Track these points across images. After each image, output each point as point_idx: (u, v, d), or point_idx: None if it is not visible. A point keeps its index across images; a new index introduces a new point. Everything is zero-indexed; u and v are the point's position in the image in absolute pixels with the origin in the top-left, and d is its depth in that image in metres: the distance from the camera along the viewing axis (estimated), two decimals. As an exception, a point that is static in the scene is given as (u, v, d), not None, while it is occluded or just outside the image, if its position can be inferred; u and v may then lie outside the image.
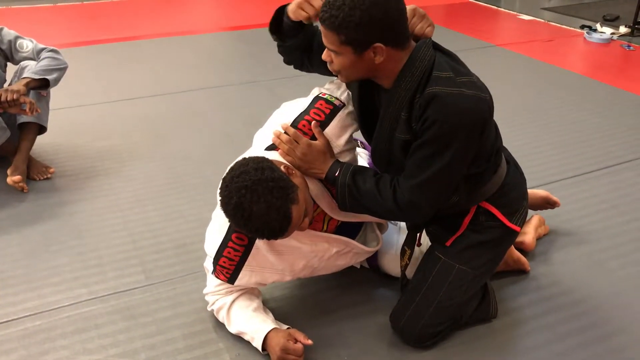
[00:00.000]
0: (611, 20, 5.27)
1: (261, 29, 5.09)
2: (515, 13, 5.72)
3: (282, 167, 1.50)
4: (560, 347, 1.76)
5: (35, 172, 2.65)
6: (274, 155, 1.60)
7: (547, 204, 2.26)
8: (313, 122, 1.62)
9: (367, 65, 1.48)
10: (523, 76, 4.05)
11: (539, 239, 2.22)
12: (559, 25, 5.29)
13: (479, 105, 1.46)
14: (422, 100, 1.45)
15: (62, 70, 2.59)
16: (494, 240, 1.72)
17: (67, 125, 3.17)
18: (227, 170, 1.49)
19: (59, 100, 3.14)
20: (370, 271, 2.03)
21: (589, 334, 1.81)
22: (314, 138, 1.62)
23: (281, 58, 1.80)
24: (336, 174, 1.59)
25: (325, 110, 1.66)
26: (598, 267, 2.11)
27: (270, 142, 1.63)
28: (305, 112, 1.66)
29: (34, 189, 2.59)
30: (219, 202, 1.50)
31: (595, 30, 5.01)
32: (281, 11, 1.66)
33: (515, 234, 1.76)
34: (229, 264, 1.67)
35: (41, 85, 2.51)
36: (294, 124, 1.63)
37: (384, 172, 1.63)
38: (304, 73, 1.85)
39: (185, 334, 1.81)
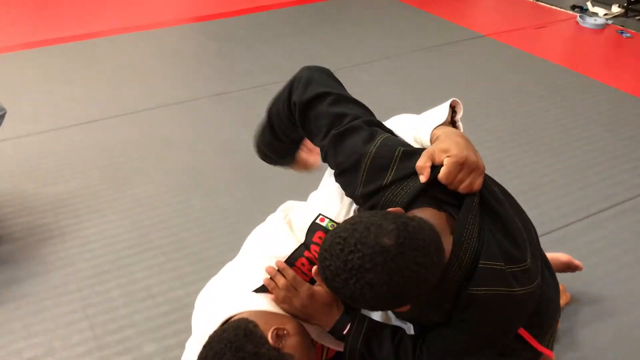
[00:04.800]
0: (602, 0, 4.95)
1: (229, 19, 4.64)
2: (500, -10, 5.34)
3: (269, 334, 1.17)
4: None
5: (-24, 240, 2.29)
6: (263, 303, 1.27)
7: (568, 268, 2.00)
8: (314, 268, 1.25)
9: None
10: (517, 78, 3.69)
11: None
12: (548, 5, 4.95)
13: (526, 305, 1.21)
14: (464, 298, 1.15)
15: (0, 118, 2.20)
16: None
17: (14, 165, 2.78)
18: (202, 344, 1.17)
19: (4, 129, 2.58)
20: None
21: None
22: (314, 280, 1.30)
23: (252, 62, 1.51)
24: (345, 332, 1.29)
25: None
26: (632, 344, 1.87)
27: (261, 282, 1.29)
28: (305, 246, 1.33)
29: (-25, 261, 2.23)
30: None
31: (586, 10, 4.70)
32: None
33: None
34: None
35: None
36: (291, 261, 1.30)
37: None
38: (278, 81, 1.53)
39: None
